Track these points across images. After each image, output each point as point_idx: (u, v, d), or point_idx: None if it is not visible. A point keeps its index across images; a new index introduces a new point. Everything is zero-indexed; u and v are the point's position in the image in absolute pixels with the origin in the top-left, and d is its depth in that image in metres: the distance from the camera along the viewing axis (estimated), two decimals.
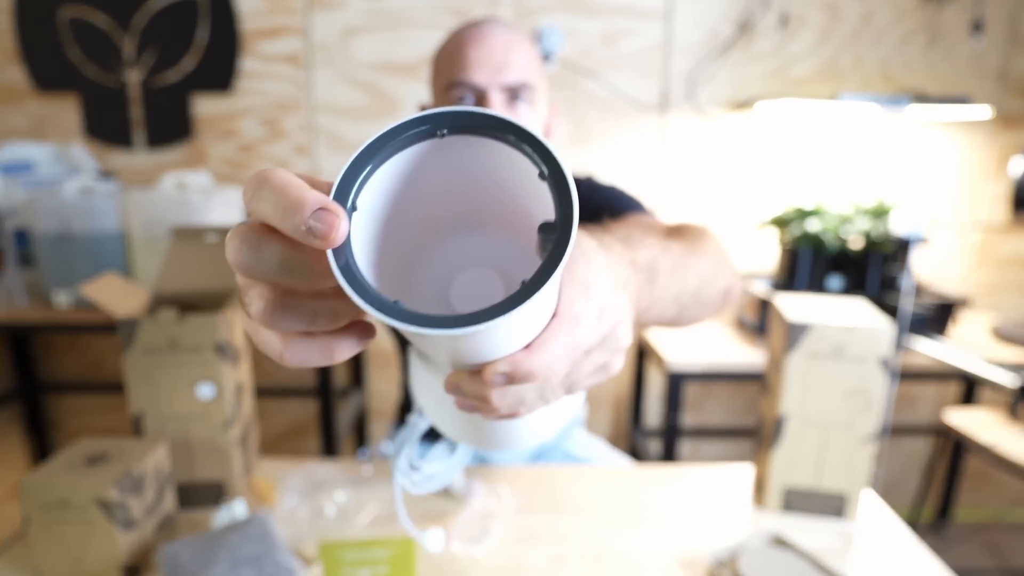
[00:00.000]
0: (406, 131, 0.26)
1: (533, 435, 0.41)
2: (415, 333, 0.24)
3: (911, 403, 2.03)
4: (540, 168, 0.26)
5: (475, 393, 0.30)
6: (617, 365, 0.37)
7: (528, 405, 0.33)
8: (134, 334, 0.76)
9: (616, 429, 2.05)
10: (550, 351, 0.29)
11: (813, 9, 1.77)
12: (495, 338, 0.26)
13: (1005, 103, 1.84)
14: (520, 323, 0.26)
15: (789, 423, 0.80)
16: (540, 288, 0.24)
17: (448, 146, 0.27)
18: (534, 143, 0.26)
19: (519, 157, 0.26)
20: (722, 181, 1.88)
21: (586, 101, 1.82)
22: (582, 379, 0.35)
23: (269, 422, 2.04)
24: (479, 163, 0.28)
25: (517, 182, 0.28)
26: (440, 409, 0.41)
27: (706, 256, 0.59)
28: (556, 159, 0.25)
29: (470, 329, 0.23)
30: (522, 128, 0.26)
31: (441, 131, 0.26)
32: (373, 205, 0.27)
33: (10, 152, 1.66)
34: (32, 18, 1.77)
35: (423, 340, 0.27)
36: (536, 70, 0.87)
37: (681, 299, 0.53)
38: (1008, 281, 1.96)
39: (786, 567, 0.68)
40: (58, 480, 0.65)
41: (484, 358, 0.28)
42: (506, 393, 0.31)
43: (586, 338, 0.31)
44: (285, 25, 1.78)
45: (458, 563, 0.72)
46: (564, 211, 0.25)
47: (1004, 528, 2.08)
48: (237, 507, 0.75)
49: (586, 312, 0.31)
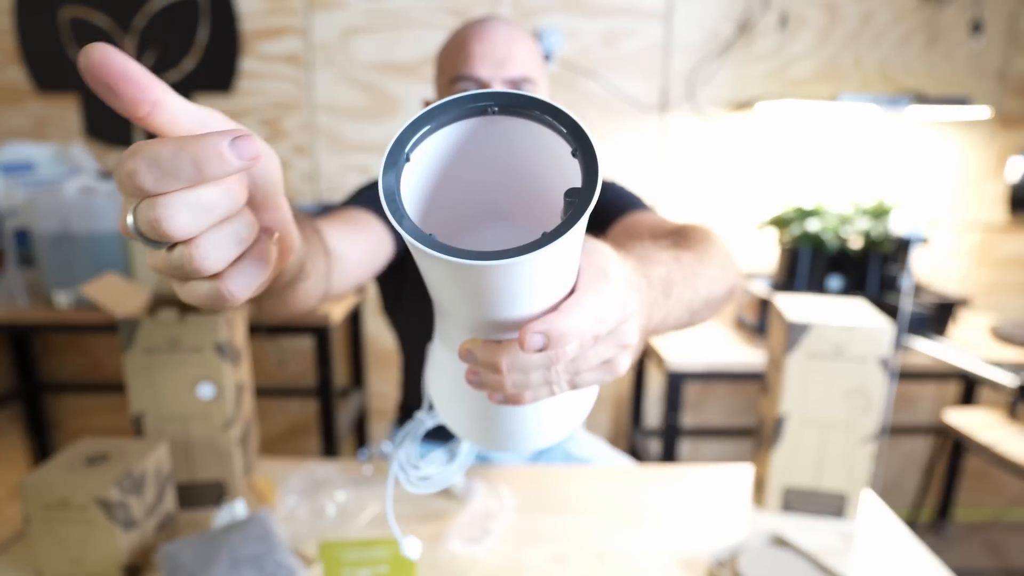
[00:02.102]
0: (462, 105, 0.28)
1: (538, 434, 0.41)
2: (447, 270, 0.26)
3: (911, 403, 2.03)
4: (572, 146, 0.28)
5: (487, 359, 0.32)
6: (623, 363, 0.37)
7: (533, 389, 0.34)
8: (134, 334, 0.76)
9: (616, 429, 2.05)
10: (576, 314, 0.31)
11: (813, 9, 1.77)
12: (522, 283, 0.27)
13: (1004, 103, 1.84)
14: (547, 270, 0.28)
15: (789, 423, 0.80)
16: (569, 229, 0.26)
17: (492, 130, 0.29)
18: (569, 123, 0.28)
19: (552, 144, 0.28)
20: (722, 181, 1.88)
21: (586, 101, 1.82)
22: (587, 370, 0.36)
23: (269, 422, 2.04)
24: (516, 151, 0.30)
25: (548, 170, 0.30)
26: (451, 402, 0.41)
27: (713, 261, 0.62)
28: (586, 136, 0.28)
29: (502, 262, 0.25)
30: (560, 109, 0.28)
31: (492, 108, 0.28)
32: (421, 170, 0.30)
33: (11, 152, 1.66)
34: (33, 18, 1.77)
35: (451, 283, 0.28)
36: (537, 65, 0.88)
37: (693, 306, 0.55)
38: (1007, 281, 1.97)
39: (786, 567, 0.68)
40: (58, 480, 0.65)
41: (508, 311, 0.30)
42: (516, 364, 0.32)
43: (604, 313, 0.33)
44: (285, 25, 1.78)
45: (458, 563, 0.72)
46: (589, 176, 0.27)
47: (1003, 528, 2.08)
48: (237, 507, 0.75)
49: (605, 290, 0.33)
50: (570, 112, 0.28)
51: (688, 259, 0.57)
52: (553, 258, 0.27)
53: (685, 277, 0.53)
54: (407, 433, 0.46)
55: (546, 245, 0.25)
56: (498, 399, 0.34)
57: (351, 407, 1.85)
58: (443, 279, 0.28)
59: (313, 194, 1.87)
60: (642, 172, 1.86)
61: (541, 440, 0.42)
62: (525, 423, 0.39)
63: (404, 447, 0.45)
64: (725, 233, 1.89)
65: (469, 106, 0.28)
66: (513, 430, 0.40)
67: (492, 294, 0.28)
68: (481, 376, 0.33)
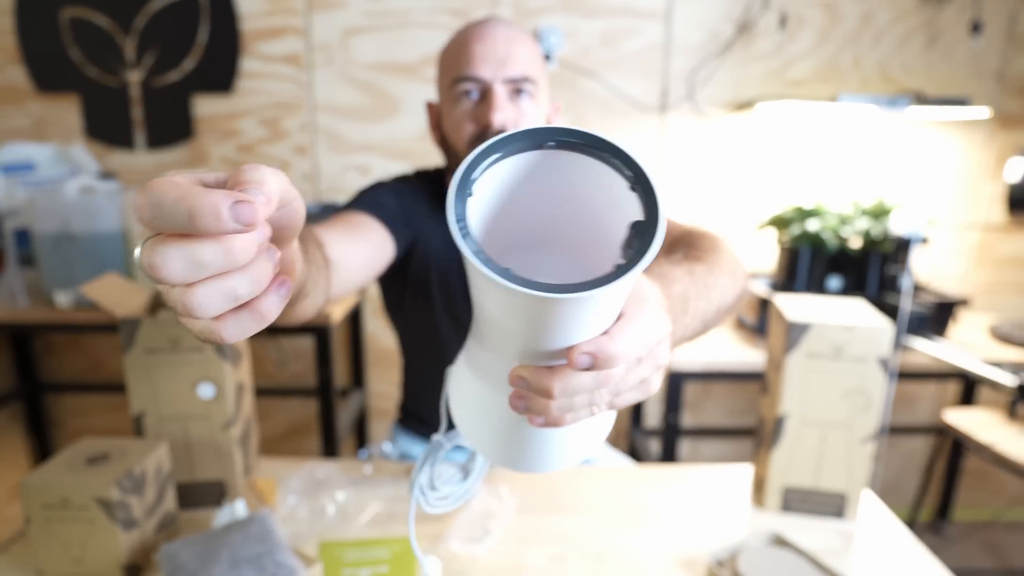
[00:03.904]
0: (516, 141, 0.29)
1: (565, 455, 0.42)
2: (519, 301, 0.27)
3: (910, 403, 2.04)
4: (629, 179, 0.29)
5: (540, 384, 0.33)
6: (656, 383, 0.39)
7: (576, 411, 0.35)
8: (135, 334, 0.76)
9: (616, 429, 2.05)
10: (625, 338, 0.32)
11: (812, 9, 1.78)
12: (586, 314, 0.28)
13: (1004, 103, 1.84)
14: (609, 301, 0.29)
15: (789, 423, 0.80)
16: (638, 264, 0.26)
17: (548, 165, 0.30)
18: (625, 158, 0.29)
19: (605, 177, 0.29)
20: (722, 181, 1.88)
21: (586, 101, 1.82)
22: (626, 391, 0.37)
23: (269, 422, 2.04)
24: (568, 182, 0.31)
25: (598, 202, 0.31)
26: (479, 425, 0.41)
27: (723, 270, 0.64)
28: (642, 168, 0.29)
29: (579, 295, 0.26)
30: (616, 145, 0.29)
31: (549, 143, 0.29)
32: (479, 198, 0.30)
33: (11, 152, 1.66)
34: (33, 19, 1.77)
35: (514, 313, 0.29)
36: (538, 65, 0.89)
37: (706, 317, 0.57)
38: (1007, 281, 1.97)
39: (786, 567, 0.68)
40: (59, 480, 0.65)
41: (565, 340, 0.31)
42: (568, 388, 0.33)
43: (648, 335, 0.34)
44: (285, 25, 1.78)
45: (458, 563, 0.72)
46: (651, 213, 0.28)
47: (1003, 527, 2.08)
48: (237, 507, 0.75)
49: (647, 313, 0.35)
50: (626, 148, 0.29)
51: (701, 272, 0.59)
52: (620, 290, 0.28)
53: (699, 291, 0.56)
54: (426, 457, 0.47)
55: (620, 277, 0.26)
56: (539, 423, 0.35)
57: (351, 407, 1.85)
58: (506, 309, 0.29)
59: (313, 194, 1.87)
60: None
61: (568, 461, 0.43)
62: (552, 445, 0.40)
63: (424, 471, 0.46)
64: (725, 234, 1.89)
65: (521, 142, 0.29)
66: (544, 452, 0.41)
67: (556, 324, 0.29)
68: (528, 400, 0.34)
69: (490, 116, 0.84)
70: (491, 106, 0.84)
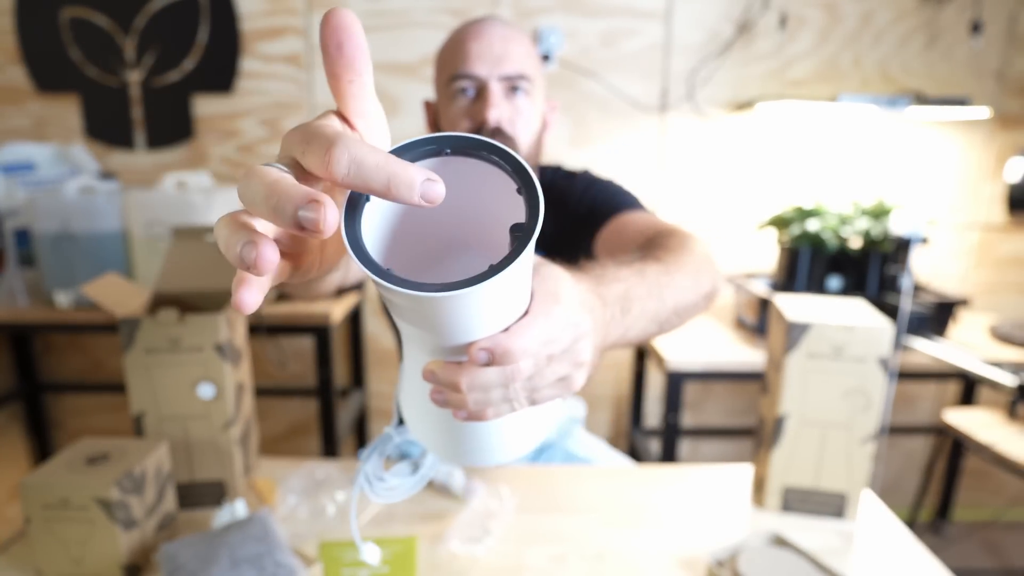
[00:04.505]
0: (419, 147, 0.30)
1: (503, 448, 0.43)
2: (403, 300, 0.29)
3: (910, 403, 2.04)
4: (516, 184, 0.30)
5: (448, 379, 0.34)
6: (578, 380, 0.39)
7: (495, 406, 0.36)
8: (135, 334, 0.76)
9: (616, 429, 2.05)
10: (526, 335, 0.33)
11: (812, 9, 1.78)
12: (473, 311, 0.30)
13: (1004, 103, 1.84)
14: (495, 298, 0.30)
15: (788, 423, 0.80)
16: (513, 262, 0.28)
17: (449, 169, 0.31)
18: (513, 162, 0.30)
19: (504, 184, 0.31)
20: (722, 181, 1.88)
21: (586, 101, 1.82)
22: (544, 387, 0.38)
23: (269, 422, 2.04)
24: (472, 188, 0.33)
25: (501, 205, 0.32)
26: (419, 418, 0.43)
27: (684, 270, 0.64)
28: (530, 174, 0.30)
29: (450, 294, 0.27)
30: (503, 149, 0.30)
31: (445, 150, 0.30)
32: (384, 206, 0.32)
33: (11, 152, 1.66)
34: (33, 19, 1.77)
35: (410, 311, 0.30)
36: (534, 64, 0.89)
37: (660, 317, 0.58)
38: (1007, 281, 1.97)
39: (786, 567, 0.68)
40: (59, 480, 0.65)
41: (463, 336, 0.32)
42: (475, 383, 0.34)
43: (555, 334, 0.35)
44: (285, 25, 1.78)
45: (458, 563, 0.72)
46: (532, 212, 0.29)
47: (1003, 527, 2.09)
48: (237, 507, 0.75)
49: (556, 312, 0.35)
50: (515, 153, 0.30)
51: (654, 272, 0.59)
52: (500, 288, 0.29)
53: (649, 291, 0.55)
54: (375, 448, 0.48)
55: (491, 277, 0.28)
56: (462, 416, 0.36)
57: (351, 407, 1.85)
58: (402, 309, 0.31)
59: None
60: (642, 172, 1.86)
61: (506, 454, 0.44)
62: (490, 438, 0.41)
63: (372, 460, 0.47)
64: (724, 234, 1.89)
65: (423, 149, 0.30)
66: (478, 445, 0.42)
67: (446, 321, 0.31)
68: (445, 395, 0.35)
69: (486, 113, 0.84)
70: (487, 103, 0.84)
